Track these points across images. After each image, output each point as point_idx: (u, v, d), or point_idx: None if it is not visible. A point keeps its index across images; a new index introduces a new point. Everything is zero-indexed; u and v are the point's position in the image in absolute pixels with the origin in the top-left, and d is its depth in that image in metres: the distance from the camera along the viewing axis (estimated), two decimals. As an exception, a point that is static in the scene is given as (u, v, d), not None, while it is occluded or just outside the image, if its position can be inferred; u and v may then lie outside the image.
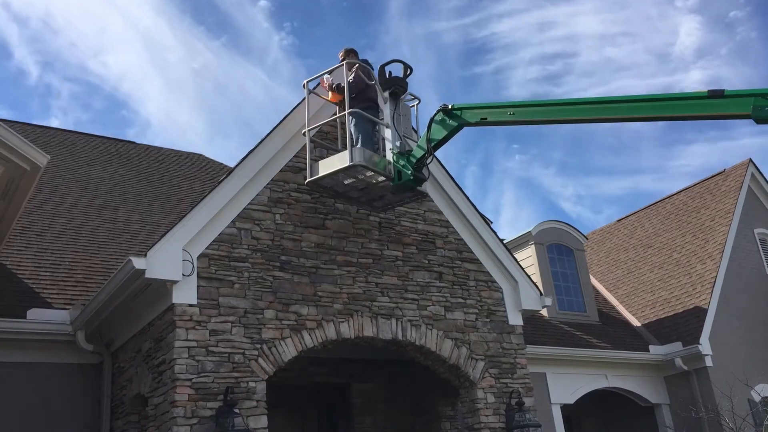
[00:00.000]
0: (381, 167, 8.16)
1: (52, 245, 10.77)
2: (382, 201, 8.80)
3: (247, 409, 7.46)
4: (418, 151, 8.13)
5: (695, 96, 6.50)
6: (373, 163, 8.07)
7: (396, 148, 8.21)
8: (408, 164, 8.10)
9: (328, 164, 8.21)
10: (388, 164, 8.20)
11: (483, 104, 8.01)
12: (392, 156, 8.20)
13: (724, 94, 6.30)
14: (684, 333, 13.91)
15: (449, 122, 8.02)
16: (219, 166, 16.92)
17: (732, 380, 12.08)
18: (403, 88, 8.49)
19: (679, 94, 6.63)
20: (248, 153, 8.57)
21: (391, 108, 8.36)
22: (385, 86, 8.43)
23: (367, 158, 8.00)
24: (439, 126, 8.09)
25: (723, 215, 16.00)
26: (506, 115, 7.71)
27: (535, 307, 10.50)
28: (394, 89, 8.41)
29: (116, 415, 8.71)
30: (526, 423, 9.18)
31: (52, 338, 8.68)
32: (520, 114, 7.64)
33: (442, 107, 8.07)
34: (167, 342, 7.49)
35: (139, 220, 12.52)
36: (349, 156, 7.91)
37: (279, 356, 7.96)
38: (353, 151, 7.94)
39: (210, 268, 7.88)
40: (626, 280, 17.11)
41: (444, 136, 8.07)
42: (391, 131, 8.30)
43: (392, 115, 8.33)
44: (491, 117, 7.85)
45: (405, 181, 8.13)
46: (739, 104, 6.26)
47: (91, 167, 14.51)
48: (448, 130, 8.04)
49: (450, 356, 9.26)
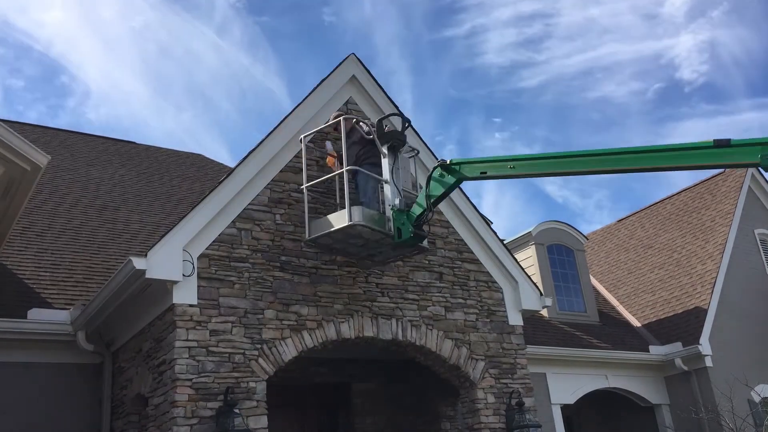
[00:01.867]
0: (381, 225, 8.00)
1: (52, 245, 10.77)
2: (382, 255, 8.64)
3: (248, 409, 7.45)
4: (418, 208, 8.00)
5: (701, 146, 6.39)
6: (372, 222, 7.92)
7: (396, 204, 8.06)
8: (408, 222, 7.95)
9: (326, 222, 8.07)
10: (387, 221, 8.06)
11: (482, 159, 7.93)
12: (392, 213, 8.05)
13: (731, 143, 6.20)
14: (684, 333, 13.92)
15: (448, 178, 7.92)
16: (219, 166, 16.93)
17: (732, 380, 12.07)
18: (402, 141, 8.33)
19: (684, 145, 6.50)
20: (248, 153, 8.57)
21: (390, 162, 8.20)
22: (383, 140, 8.27)
23: (366, 217, 7.85)
24: (438, 182, 7.97)
25: (723, 215, 16.01)
26: (506, 168, 7.60)
27: (536, 308, 10.51)
28: (393, 143, 8.27)
29: (116, 415, 8.71)
30: (526, 423, 9.18)
31: (53, 338, 8.68)
32: (522, 167, 7.51)
33: (440, 163, 7.97)
34: (168, 342, 7.49)
35: (139, 220, 12.52)
36: (348, 215, 7.77)
37: (279, 356, 7.96)
38: (352, 210, 7.80)
39: (210, 268, 7.88)
40: (626, 280, 17.12)
41: (443, 192, 7.99)
42: (390, 187, 8.13)
43: (391, 170, 8.18)
44: (491, 171, 7.77)
45: (405, 239, 7.99)
46: (747, 153, 6.16)
47: (91, 167, 14.51)
48: (446, 187, 7.95)
49: (450, 356, 9.26)
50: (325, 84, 9.49)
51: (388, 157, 8.24)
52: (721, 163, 6.60)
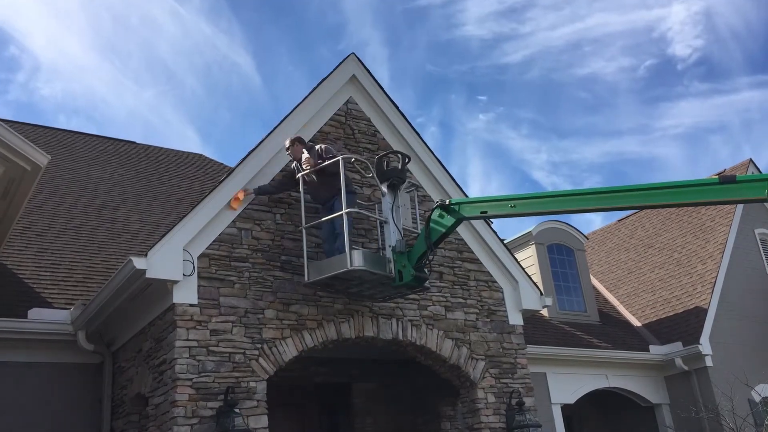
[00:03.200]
0: (381, 267, 7.90)
1: (52, 245, 10.77)
2: (382, 294, 8.55)
3: (248, 409, 7.45)
4: (418, 250, 7.86)
5: (706, 183, 6.31)
6: (373, 265, 7.81)
7: (396, 246, 7.96)
8: (409, 265, 7.83)
9: (326, 265, 7.96)
10: (388, 263, 7.96)
11: (482, 198, 7.84)
12: (392, 255, 7.94)
13: (736, 180, 6.12)
14: (684, 333, 13.92)
15: (447, 219, 7.77)
16: (219, 166, 16.93)
17: (732, 380, 12.07)
18: (402, 179, 8.22)
19: (690, 182, 6.42)
20: (249, 153, 8.57)
21: (390, 200, 8.09)
22: (383, 178, 8.14)
23: (367, 261, 7.73)
24: (437, 224, 7.83)
25: (723, 215, 16.00)
26: (507, 208, 7.44)
27: (536, 307, 10.50)
28: (393, 181, 8.14)
29: (117, 414, 8.70)
30: (526, 423, 9.18)
31: (53, 338, 8.68)
32: (522, 206, 7.36)
33: (440, 203, 7.84)
34: (168, 342, 7.49)
35: (139, 220, 12.51)
36: (348, 260, 7.64)
37: (279, 356, 7.96)
38: (353, 254, 7.68)
39: (210, 268, 7.87)
40: (627, 280, 17.12)
41: (443, 233, 7.85)
42: (390, 227, 8.03)
43: (391, 209, 8.07)
44: (491, 210, 7.66)
45: (407, 282, 7.91)
46: (753, 189, 6.08)
47: (91, 167, 14.51)
48: (446, 228, 7.80)
49: (450, 356, 9.25)
50: (325, 84, 9.50)
51: (388, 195, 8.11)
52: (728, 200, 6.55)
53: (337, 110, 9.66)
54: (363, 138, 9.78)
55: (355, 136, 9.72)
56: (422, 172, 10.10)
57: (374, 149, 9.81)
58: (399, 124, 10.02)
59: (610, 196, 6.78)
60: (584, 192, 6.97)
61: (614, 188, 6.83)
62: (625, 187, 6.77)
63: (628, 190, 6.71)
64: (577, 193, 7.04)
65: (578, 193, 7.02)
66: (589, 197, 6.92)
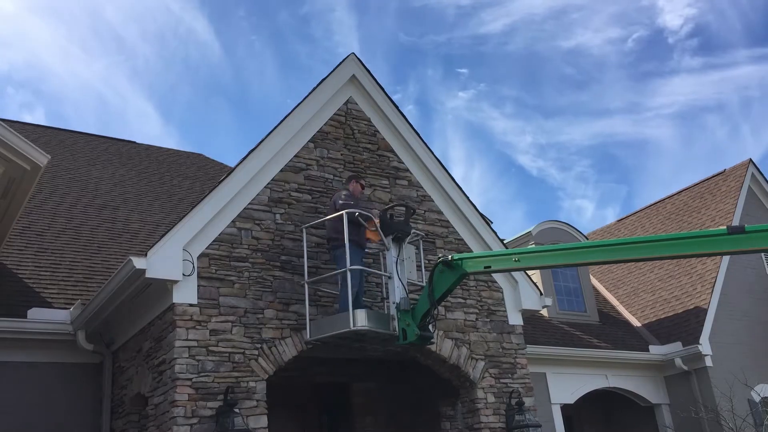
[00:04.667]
0: (385, 326, 7.81)
1: (52, 245, 10.77)
2: (384, 349, 8.48)
3: (247, 409, 7.45)
4: (422, 307, 7.68)
5: (715, 234, 6.15)
6: (376, 324, 7.74)
7: (400, 303, 7.80)
8: (413, 323, 7.66)
9: (328, 323, 7.89)
10: (392, 320, 7.85)
11: (485, 254, 7.77)
12: (396, 313, 7.80)
13: (745, 230, 5.93)
14: (684, 333, 13.92)
15: (450, 275, 7.52)
16: (219, 165, 16.94)
17: (732, 380, 12.07)
18: (407, 232, 8.12)
19: (697, 233, 6.29)
20: (249, 153, 8.57)
21: (394, 254, 7.95)
22: (388, 232, 8.00)
23: (371, 320, 7.66)
24: (440, 280, 7.59)
25: (723, 215, 15.99)
26: (511, 262, 7.33)
27: (535, 307, 10.50)
28: (398, 234, 8.03)
29: (116, 414, 8.71)
30: (526, 423, 9.18)
31: (53, 338, 8.68)
32: (526, 260, 7.22)
33: (442, 259, 7.62)
34: (167, 342, 7.49)
35: (139, 219, 12.52)
36: (351, 320, 7.55)
37: (279, 356, 7.96)
38: (356, 313, 7.58)
39: (210, 267, 7.88)
40: (626, 280, 17.11)
41: (447, 289, 7.62)
42: (395, 282, 7.88)
43: (396, 263, 7.92)
44: (495, 265, 7.55)
45: (410, 341, 7.74)
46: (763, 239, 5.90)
47: (91, 167, 14.52)
48: (449, 284, 7.57)
49: (450, 356, 9.26)
50: (325, 83, 9.51)
51: (392, 249, 7.98)
52: (736, 250, 6.38)
53: (337, 110, 9.67)
54: (363, 138, 9.78)
55: (355, 136, 9.72)
56: (423, 173, 10.10)
57: (374, 149, 9.83)
58: (399, 124, 10.02)
59: (614, 249, 6.63)
60: (587, 246, 6.82)
61: (618, 241, 6.79)
62: (630, 240, 6.77)
63: (633, 243, 6.62)
64: (581, 247, 6.94)
65: (581, 247, 6.92)
66: (592, 251, 6.77)
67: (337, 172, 9.32)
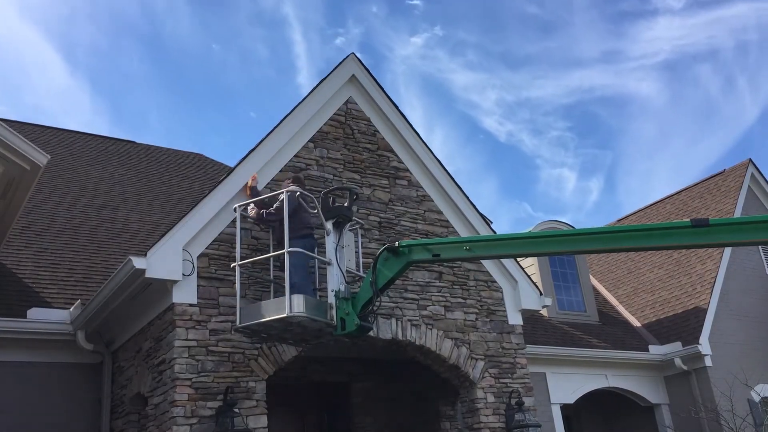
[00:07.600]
0: (322, 314, 7.19)
1: (52, 245, 10.77)
2: (317, 341, 7.86)
3: (247, 409, 7.45)
4: (364, 296, 7.18)
5: (678, 226, 5.82)
6: (314, 311, 7.11)
7: (340, 291, 7.30)
8: (353, 312, 7.17)
9: (262, 309, 7.24)
10: (330, 309, 7.24)
11: (434, 241, 7.30)
12: (335, 301, 7.26)
13: (709, 223, 5.68)
14: (684, 333, 13.92)
15: (395, 262, 7.00)
16: (219, 165, 16.94)
17: (732, 380, 12.07)
18: (348, 217, 7.65)
19: (661, 225, 5.97)
20: (248, 153, 8.58)
21: (334, 240, 7.46)
22: (328, 216, 7.52)
23: (308, 308, 7.03)
24: (385, 268, 7.05)
25: (723, 215, 15.98)
26: (462, 250, 6.81)
27: (535, 307, 10.50)
28: (338, 219, 7.57)
29: (116, 414, 8.71)
30: (526, 423, 9.18)
31: (53, 338, 8.68)
32: (479, 249, 6.74)
33: (387, 246, 7.08)
34: (167, 341, 7.49)
35: (139, 219, 12.52)
36: (288, 306, 6.94)
37: (279, 356, 7.96)
38: (293, 298, 6.97)
39: (210, 267, 7.88)
40: (626, 280, 17.12)
41: (391, 278, 7.07)
42: (333, 270, 7.34)
43: (335, 249, 7.43)
44: (445, 253, 6.90)
45: (350, 332, 7.23)
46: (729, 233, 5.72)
47: (91, 167, 14.52)
48: (394, 272, 7.02)
49: (450, 356, 9.26)
50: (325, 83, 9.51)
51: (333, 235, 7.49)
52: (701, 243, 5.90)
53: (337, 110, 9.67)
54: (363, 138, 9.78)
55: (355, 136, 9.73)
56: (422, 173, 10.11)
57: (374, 149, 9.83)
58: (399, 124, 10.02)
59: (569, 239, 6.27)
60: (540, 236, 6.45)
61: (574, 231, 6.45)
62: (587, 230, 6.34)
63: (591, 234, 6.21)
64: (533, 236, 6.54)
65: (534, 237, 6.52)
66: (546, 241, 6.41)
67: (337, 172, 9.32)
